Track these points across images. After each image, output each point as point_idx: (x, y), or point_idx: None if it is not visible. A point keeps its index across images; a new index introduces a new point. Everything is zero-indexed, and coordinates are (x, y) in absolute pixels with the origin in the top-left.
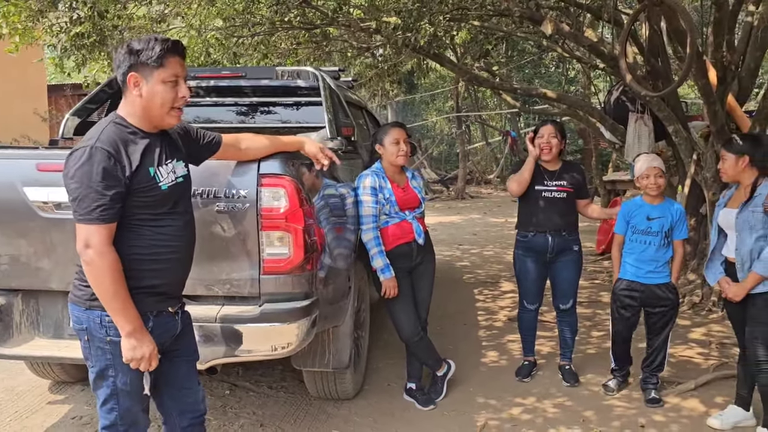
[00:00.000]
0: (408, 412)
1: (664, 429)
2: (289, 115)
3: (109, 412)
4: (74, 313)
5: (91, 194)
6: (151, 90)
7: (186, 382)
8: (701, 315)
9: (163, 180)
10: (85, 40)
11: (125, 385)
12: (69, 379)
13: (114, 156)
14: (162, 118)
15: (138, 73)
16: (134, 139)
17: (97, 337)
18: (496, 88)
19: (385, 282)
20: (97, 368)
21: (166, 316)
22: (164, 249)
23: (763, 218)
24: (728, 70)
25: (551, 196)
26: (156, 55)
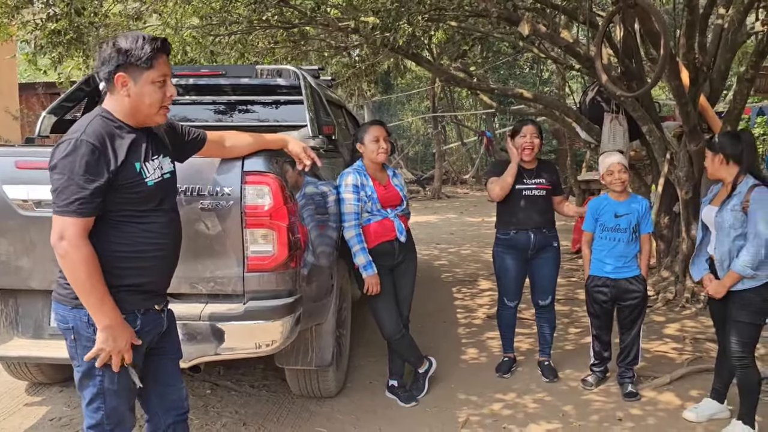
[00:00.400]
0: (390, 409)
1: (641, 422)
2: (269, 114)
3: (96, 411)
4: (59, 311)
5: (71, 186)
6: (139, 91)
7: (171, 379)
8: (675, 311)
9: (149, 176)
10: (62, 38)
11: (112, 384)
12: (46, 380)
13: (99, 149)
14: (150, 117)
15: (126, 73)
16: (120, 133)
17: (84, 335)
18: (473, 88)
19: (368, 279)
20: (84, 367)
21: (153, 314)
22: (150, 246)
23: (741, 217)
24: (700, 71)
25: (531, 194)
26: (146, 56)
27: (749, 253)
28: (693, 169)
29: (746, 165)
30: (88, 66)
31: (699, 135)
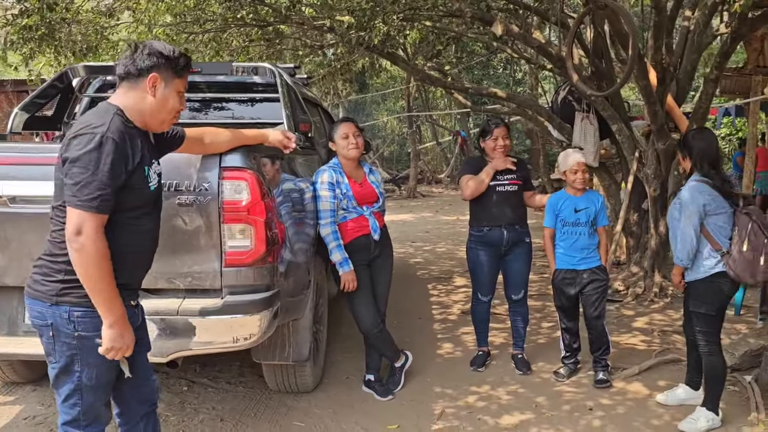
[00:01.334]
0: (367, 403)
1: (610, 411)
2: (245, 111)
3: (72, 408)
4: (36, 308)
5: (95, 182)
6: (166, 95)
7: (145, 372)
8: (644, 305)
9: (152, 182)
10: (33, 33)
11: (90, 380)
12: (19, 379)
13: (122, 148)
14: (165, 122)
15: (160, 75)
16: (134, 134)
17: (64, 332)
18: (447, 87)
19: (344, 276)
20: (61, 364)
21: (130, 309)
22: (138, 247)
23: (678, 208)
24: (667, 71)
25: (504, 189)
26: (182, 66)
27: (678, 244)
28: (661, 166)
29: (696, 161)
30: (60, 63)
31: (666, 134)
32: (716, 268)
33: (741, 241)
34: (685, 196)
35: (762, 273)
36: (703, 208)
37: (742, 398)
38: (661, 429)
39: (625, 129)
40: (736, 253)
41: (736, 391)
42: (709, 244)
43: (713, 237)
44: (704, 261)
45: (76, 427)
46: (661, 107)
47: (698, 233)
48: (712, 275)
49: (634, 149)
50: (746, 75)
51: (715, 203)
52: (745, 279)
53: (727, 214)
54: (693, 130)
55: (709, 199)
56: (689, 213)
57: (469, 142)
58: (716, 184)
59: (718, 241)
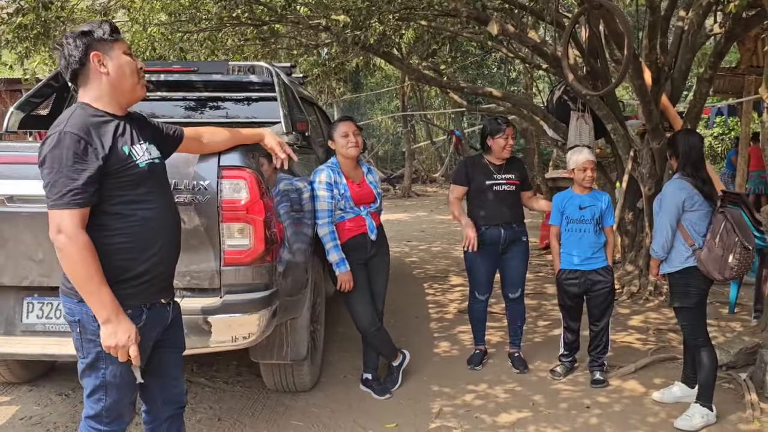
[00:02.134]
0: (364, 402)
1: (607, 409)
2: (243, 111)
3: (96, 403)
4: (66, 305)
5: (61, 179)
6: (117, 63)
7: (174, 372)
8: (639, 303)
9: (140, 158)
10: (29, 32)
11: (114, 377)
12: (15, 380)
13: (84, 139)
14: (134, 88)
15: (98, 50)
16: (103, 121)
17: (89, 329)
18: (443, 86)
19: (341, 276)
20: (87, 360)
21: (159, 307)
22: (150, 234)
23: (659, 203)
24: (662, 71)
25: (501, 189)
26: (109, 30)
27: (654, 238)
28: (655, 166)
29: (681, 161)
30: (54, 62)
31: (661, 133)
32: (688, 262)
33: (713, 239)
34: (666, 192)
35: (729, 270)
36: (682, 204)
37: (737, 395)
38: (658, 426)
39: (620, 128)
40: (707, 250)
41: (731, 389)
42: (683, 238)
43: (688, 232)
44: (678, 254)
45: (98, 422)
46: (655, 106)
47: (674, 228)
48: (685, 268)
49: (629, 148)
50: (739, 75)
51: (693, 200)
52: (714, 275)
53: (704, 211)
54: (680, 131)
55: (689, 196)
56: (668, 208)
57: (463, 142)
58: (697, 184)
59: (691, 237)
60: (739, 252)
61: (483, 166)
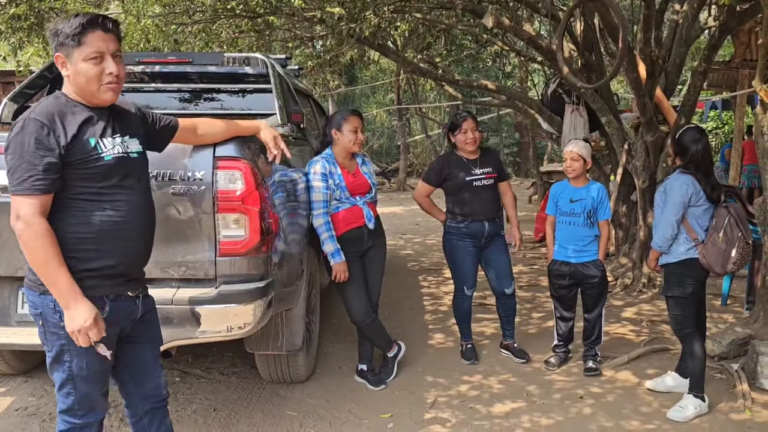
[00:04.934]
0: (360, 393)
1: (600, 399)
2: (237, 102)
3: (66, 397)
4: (29, 297)
5: (23, 165)
6: (74, 69)
7: (148, 367)
8: (632, 296)
9: (106, 151)
10: (22, 23)
11: (81, 369)
12: (10, 371)
13: (47, 126)
14: (93, 95)
15: (62, 53)
16: (74, 110)
17: (51, 321)
18: (438, 79)
19: (336, 266)
20: (53, 353)
21: (125, 300)
22: (113, 227)
23: (662, 196)
24: (656, 64)
25: (481, 184)
26: (73, 33)
27: (656, 230)
28: (650, 159)
29: (689, 164)
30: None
31: (655, 126)
32: (689, 253)
33: (717, 233)
34: (672, 186)
35: (732, 264)
36: (688, 199)
37: (729, 386)
38: (651, 416)
39: (615, 121)
40: (710, 244)
41: (723, 379)
42: (687, 232)
43: (691, 226)
44: (679, 246)
45: (72, 416)
46: (650, 100)
47: (680, 222)
48: (685, 260)
49: (623, 141)
50: (733, 68)
51: (699, 195)
52: (716, 269)
53: (707, 206)
54: (690, 130)
55: (695, 191)
56: (674, 203)
57: None
58: (705, 190)
59: (695, 231)
60: (742, 246)
61: (459, 163)
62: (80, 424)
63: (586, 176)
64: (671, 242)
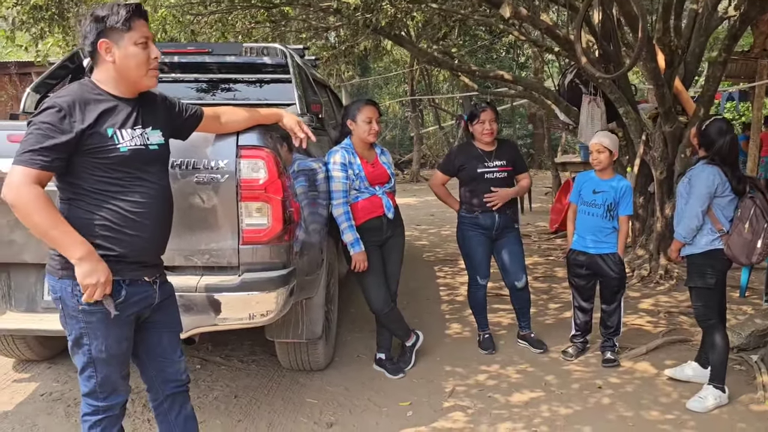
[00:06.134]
0: (378, 381)
1: (619, 389)
2: (257, 92)
3: (88, 380)
4: (50, 282)
5: (30, 140)
6: (123, 54)
7: (167, 352)
8: (649, 287)
9: (123, 142)
10: (44, 13)
11: (100, 352)
12: (34, 357)
13: (65, 110)
14: (140, 79)
15: (108, 38)
16: (97, 98)
17: (70, 305)
18: (454, 69)
19: (355, 256)
20: (72, 336)
21: (141, 284)
22: (133, 217)
23: (687, 187)
24: (675, 54)
25: (494, 177)
26: (123, 18)
27: (681, 221)
28: (667, 149)
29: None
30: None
31: (674, 117)
32: (713, 244)
33: (743, 224)
34: (698, 177)
35: (757, 255)
36: (714, 190)
37: (748, 377)
38: (670, 407)
39: (632, 112)
40: (735, 235)
41: (743, 371)
42: (712, 223)
43: (717, 218)
44: (703, 237)
45: (95, 398)
46: (669, 90)
47: (705, 213)
48: (709, 250)
49: (641, 132)
50: (752, 59)
51: (725, 186)
52: (741, 259)
53: (732, 197)
54: (716, 121)
55: (721, 182)
56: (700, 193)
57: None
58: (731, 182)
59: (720, 222)
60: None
61: (474, 153)
62: (103, 407)
63: (612, 169)
64: (695, 233)
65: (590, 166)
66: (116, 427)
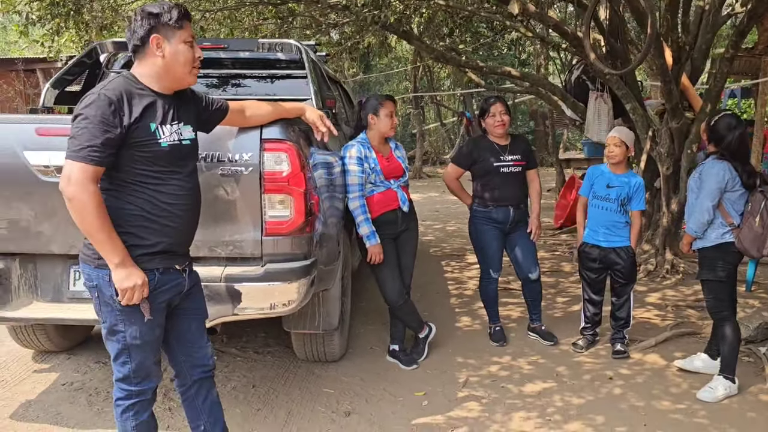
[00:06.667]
0: (392, 372)
1: (629, 380)
2: (272, 88)
3: (123, 366)
4: (85, 271)
5: (84, 134)
6: (174, 50)
7: (196, 338)
8: (656, 281)
9: (164, 137)
10: (61, 9)
11: (134, 339)
12: (54, 348)
13: (115, 103)
14: (185, 76)
15: (160, 35)
16: (140, 93)
17: (106, 294)
18: (462, 65)
19: (371, 248)
20: (107, 324)
21: (172, 273)
22: (167, 208)
23: (697, 182)
24: (683, 50)
25: (509, 171)
26: (176, 17)
27: (692, 216)
28: (674, 145)
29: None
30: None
31: (681, 113)
32: (724, 237)
33: (753, 217)
34: (708, 172)
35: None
36: (725, 185)
37: (757, 368)
38: (680, 397)
39: (639, 108)
40: (746, 228)
41: (751, 362)
42: (722, 217)
43: (727, 212)
44: (714, 231)
45: (129, 383)
46: (676, 86)
47: (716, 208)
48: (720, 244)
49: (648, 128)
50: (756, 56)
51: (735, 181)
52: (752, 252)
53: (742, 191)
54: (725, 117)
55: (731, 177)
56: (711, 188)
57: (474, 123)
58: (741, 177)
59: (731, 216)
60: None
61: (489, 147)
62: (136, 391)
63: (626, 164)
64: (706, 227)
65: (593, 163)
66: (148, 412)
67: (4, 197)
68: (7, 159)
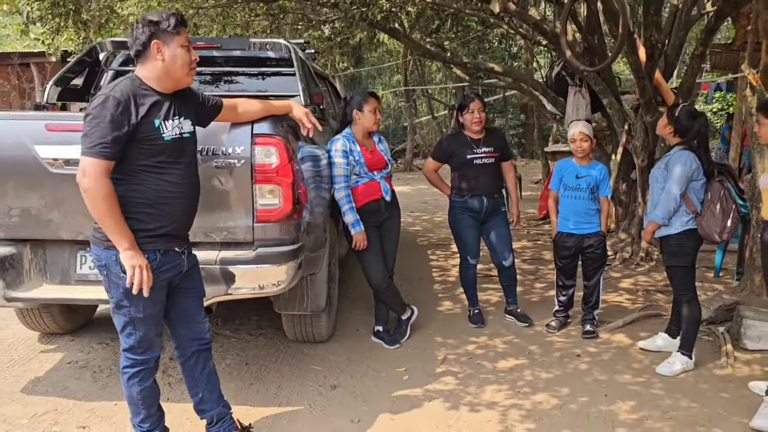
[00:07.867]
0: (377, 351)
1: (596, 357)
2: (263, 85)
3: (129, 337)
4: (95, 251)
5: (96, 132)
6: (172, 54)
7: (194, 314)
8: (630, 268)
9: (167, 132)
10: (62, 8)
11: (139, 312)
12: (58, 330)
13: (122, 104)
14: (183, 77)
15: (159, 40)
16: (145, 93)
17: (113, 272)
18: (447, 61)
19: (356, 235)
20: (115, 299)
21: (172, 254)
22: (169, 195)
23: (665, 174)
24: (656, 48)
25: (482, 162)
26: (174, 24)
27: (659, 205)
28: (648, 138)
29: (689, 142)
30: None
31: (654, 107)
32: (687, 225)
33: (714, 205)
34: (676, 162)
35: (726, 233)
36: (692, 175)
37: (714, 346)
38: (641, 372)
39: (616, 102)
40: (709, 215)
41: (709, 341)
42: (686, 205)
43: (690, 200)
44: (679, 218)
45: (133, 353)
46: (649, 82)
47: (682, 196)
48: (685, 230)
49: (624, 122)
50: (734, 51)
51: (699, 171)
52: (713, 237)
53: (704, 181)
54: (685, 108)
55: (697, 167)
56: (678, 178)
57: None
58: (704, 166)
59: (694, 204)
60: (735, 217)
61: (463, 141)
62: (140, 360)
63: (590, 155)
64: (672, 215)
65: None
66: (151, 379)
67: (17, 188)
68: (20, 152)
